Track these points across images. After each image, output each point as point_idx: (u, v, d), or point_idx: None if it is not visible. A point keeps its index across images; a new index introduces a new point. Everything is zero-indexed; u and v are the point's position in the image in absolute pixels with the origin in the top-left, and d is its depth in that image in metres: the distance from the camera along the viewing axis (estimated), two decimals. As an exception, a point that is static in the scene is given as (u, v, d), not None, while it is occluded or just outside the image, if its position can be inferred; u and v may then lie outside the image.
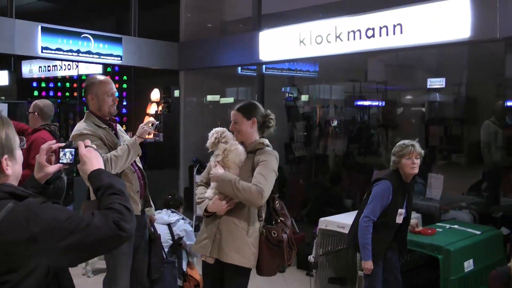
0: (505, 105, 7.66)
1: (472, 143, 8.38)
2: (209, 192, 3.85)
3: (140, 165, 4.38)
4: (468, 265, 4.71)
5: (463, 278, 4.62)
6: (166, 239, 5.50)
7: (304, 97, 9.82)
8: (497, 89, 9.86)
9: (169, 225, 5.64)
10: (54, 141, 2.45)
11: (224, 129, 3.94)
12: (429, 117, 9.68)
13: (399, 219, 4.38)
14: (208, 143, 3.93)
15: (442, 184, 6.68)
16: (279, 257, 3.77)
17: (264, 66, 8.58)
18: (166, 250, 5.46)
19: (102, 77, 4.29)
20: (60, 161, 2.28)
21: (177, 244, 5.64)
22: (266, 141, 3.90)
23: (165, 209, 5.87)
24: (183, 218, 5.86)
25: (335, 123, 9.86)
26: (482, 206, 6.77)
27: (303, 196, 8.74)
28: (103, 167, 2.24)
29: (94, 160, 2.22)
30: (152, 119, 4.21)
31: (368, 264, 4.29)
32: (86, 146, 2.25)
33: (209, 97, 9.35)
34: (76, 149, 2.25)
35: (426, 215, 6.11)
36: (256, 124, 3.89)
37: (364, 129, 9.78)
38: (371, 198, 4.41)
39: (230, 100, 9.67)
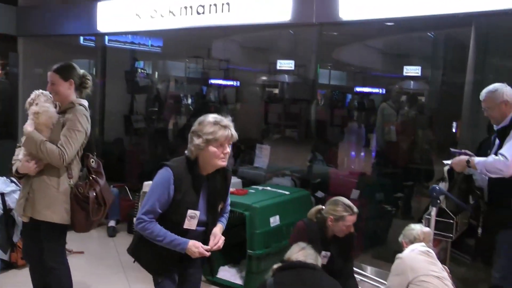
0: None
1: (306, 121, 9.00)
2: (21, 154, 3.95)
3: None
4: (274, 220, 5.18)
5: (268, 232, 5.08)
6: (-5, 207, 5.39)
7: (147, 71, 9.92)
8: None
9: (2, 195, 5.53)
10: None
11: (42, 91, 4.01)
12: (269, 96, 10.20)
13: (188, 224, 3.19)
14: (26, 104, 4.01)
15: (268, 154, 7.17)
16: (87, 213, 3.92)
17: (107, 38, 8.61)
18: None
19: None
20: None
21: (8, 215, 5.53)
22: (80, 101, 4.01)
23: (5, 177, 5.70)
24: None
25: (177, 97, 10.09)
26: (304, 173, 7.33)
27: (142, 166, 8.90)
28: None
29: None
30: None
31: (192, 247, 3.15)
32: None
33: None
34: None
35: (252, 182, 6.54)
36: (74, 85, 4.02)
37: (205, 104, 10.09)
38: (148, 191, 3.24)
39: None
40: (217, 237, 3.26)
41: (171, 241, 3.14)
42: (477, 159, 4.12)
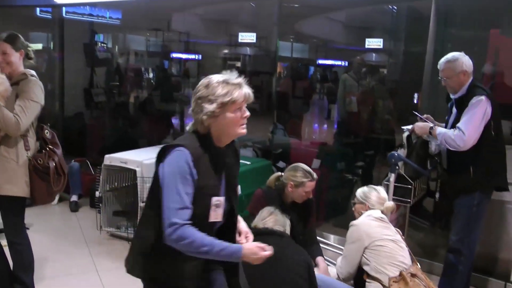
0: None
1: (268, 93, 9.03)
2: None
3: None
4: (236, 190, 5.19)
5: (229, 202, 5.09)
6: None
7: (107, 44, 9.77)
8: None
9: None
10: None
11: None
12: (230, 68, 10.14)
13: (215, 215, 2.55)
14: None
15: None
16: (48, 184, 3.89)
17: (64, 9, 8.44)
18: None
19: None
20: None
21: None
22: (31, 72, 3.93)
23: None
24: None
25: (137, 70, 9.98)
26: (266, 144, 7.38)
27: (103, 140, 8.82)
28: None
29: None
30: None
31: (249, 254, 2.51)
32: None
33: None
34: None
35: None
36: (23, 55, 3.95)
37: (167, 77, 10.01)
38: (163, 184, 2.44)
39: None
40: (246, 234, 2.75)
41: (220, 250, 2.39)
42: (439, 130, 4.20)
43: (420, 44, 5.70)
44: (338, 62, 9.97)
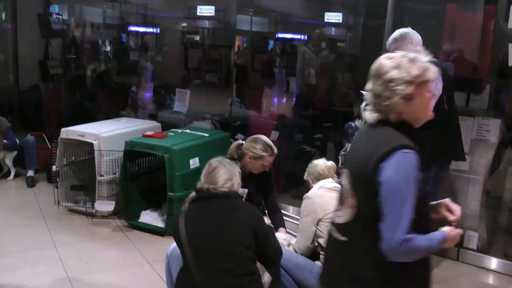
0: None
1: (226, 66, 9.02)
2: None
3: None
4: (194, 162, 5.20)
5: (188, 174, 5.10)
6: None
7: (62, 15, 9.56)
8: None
9: None
10: None
11: None
12: (190, 42, 10.11)
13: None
14: None
15: (188, 98, 7.15)
16: None
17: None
18: None
19: None
20: None
21: None
22: None
23: None
24: None
25: (94, 42, 9.83)
26: (224, 117, 7.38)
27: (60, 114, 8.67)
28: None
29: None
30: None
31: (451, 237, 2.25)
32: None
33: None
34: None
35: (172, 126, 6.51)
36: None
37: (124, 50, 9.88)
38: (390, 193, 2.07)
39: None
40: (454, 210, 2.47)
41: (437, 242, 2.18)
42: None
43: (379, 18, 5.73)
44: (298, 36, 9.98)
